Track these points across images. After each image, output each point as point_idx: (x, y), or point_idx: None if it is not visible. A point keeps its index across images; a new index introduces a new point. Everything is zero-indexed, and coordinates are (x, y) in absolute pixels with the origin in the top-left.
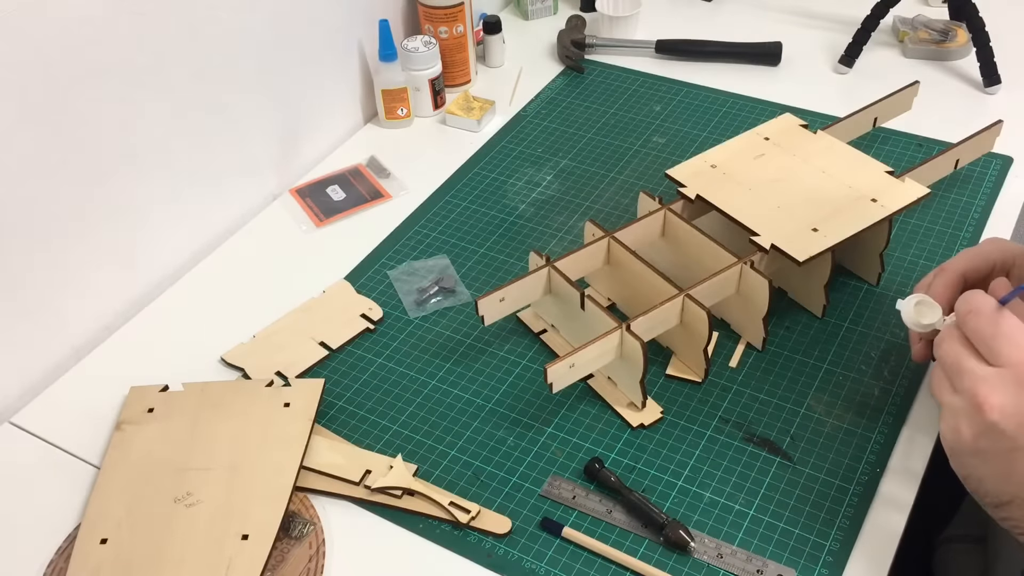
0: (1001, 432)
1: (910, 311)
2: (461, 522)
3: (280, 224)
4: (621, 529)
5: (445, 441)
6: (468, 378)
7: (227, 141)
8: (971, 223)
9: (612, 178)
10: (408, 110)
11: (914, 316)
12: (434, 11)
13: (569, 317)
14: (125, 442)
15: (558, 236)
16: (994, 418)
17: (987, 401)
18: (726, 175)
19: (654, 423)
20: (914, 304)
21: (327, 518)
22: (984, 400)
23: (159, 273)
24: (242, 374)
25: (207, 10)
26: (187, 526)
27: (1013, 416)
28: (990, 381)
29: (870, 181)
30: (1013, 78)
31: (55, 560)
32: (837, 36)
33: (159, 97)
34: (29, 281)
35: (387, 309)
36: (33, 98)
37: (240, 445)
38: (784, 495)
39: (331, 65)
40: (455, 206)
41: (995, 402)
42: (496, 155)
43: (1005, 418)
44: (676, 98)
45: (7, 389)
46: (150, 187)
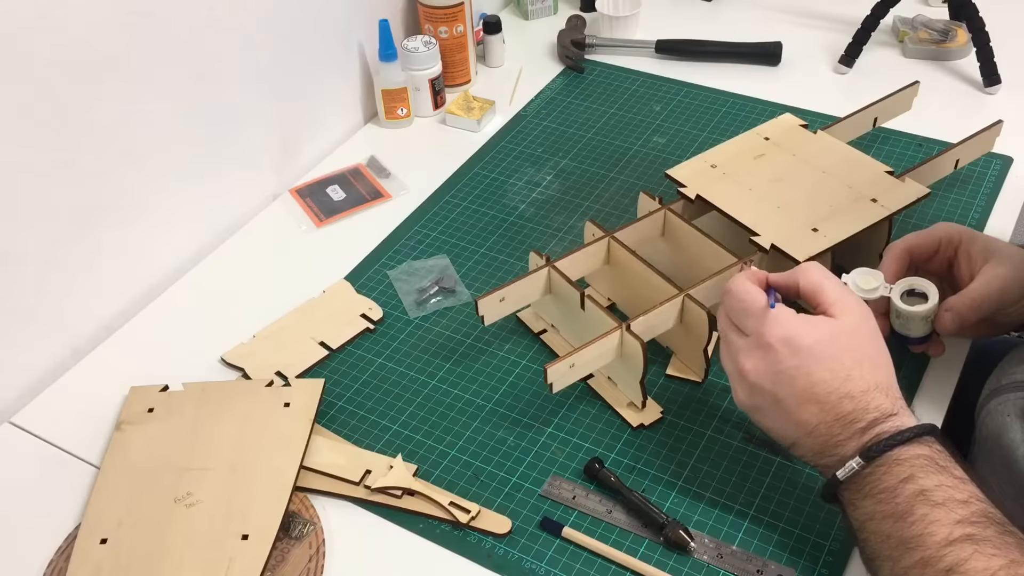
0: (761, 389)
1: (855, 280)
2: (461, 522)
3: (280, 224)
4: (621, 529)
5: (445, 441)
6: (468, 378)
7: (227, 141)
8: (971, 223)
9: (612, 178)
10: (408, 110)
11: (859, 284)
12: (434, 11)
13: (569, 317)
14: (125, 442)
15: (558, 236)
16: (752, 379)
17: (743, 367)
18: (726, 175)
19: (654, 423)
20: (858, 274)
21: (327, 518)
22: (742, 367)
23: (159, 273)
24: (242, 374)
25: (207, 10)
26: (187, 526)
27: (764, 373)
28: (744, 349)
29: (870, 181)
30: (1013, 78)
31: (55, 560)
32: (837, 36)
33: (159, 97)
34: (29, 281)
35: (387, 309)
36: (33, 98)
37: (240, 445)
38: (784, 495)
39: (331, 65)
40: (455, 206)
41: (749, 366)
42: (496, 155)
43: (759, 377)
44: (676, 98)
45: (7, 389)
46: (150, 187)
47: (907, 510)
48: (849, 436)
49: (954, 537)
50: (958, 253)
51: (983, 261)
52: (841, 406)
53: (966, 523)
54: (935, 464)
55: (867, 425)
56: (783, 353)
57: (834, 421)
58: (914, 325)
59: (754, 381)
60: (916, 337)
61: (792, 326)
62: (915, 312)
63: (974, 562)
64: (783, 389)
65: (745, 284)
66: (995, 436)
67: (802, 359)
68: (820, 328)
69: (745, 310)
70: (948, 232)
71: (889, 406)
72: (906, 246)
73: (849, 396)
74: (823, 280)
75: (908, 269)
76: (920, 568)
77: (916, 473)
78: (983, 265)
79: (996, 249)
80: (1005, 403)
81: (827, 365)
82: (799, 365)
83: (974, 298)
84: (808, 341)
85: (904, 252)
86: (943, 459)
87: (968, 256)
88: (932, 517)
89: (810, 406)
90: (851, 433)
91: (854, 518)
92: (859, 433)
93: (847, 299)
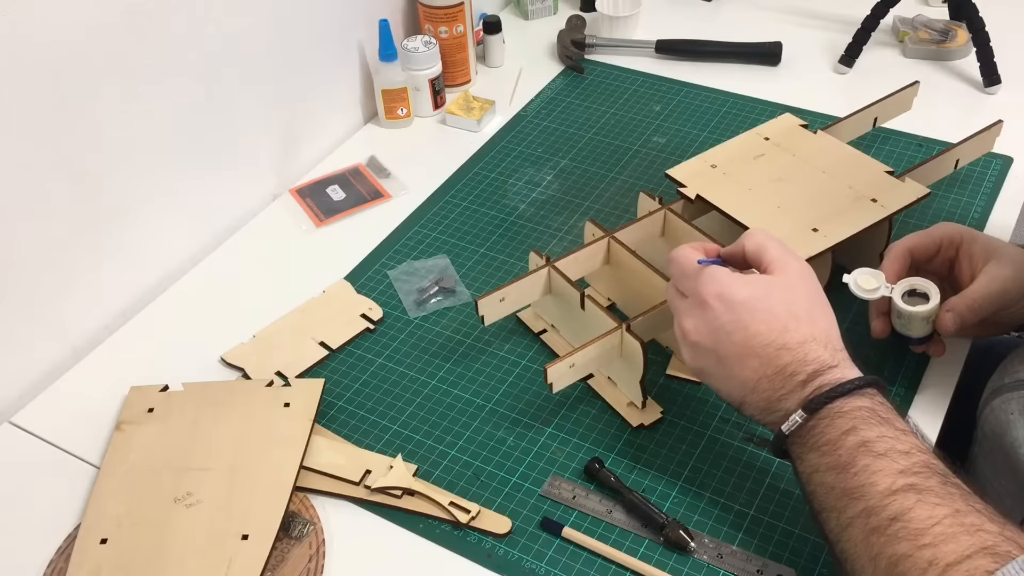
0: (703, 348)
1: (855, 280)
2: (461, 522)
3: (280, 224)
4: (621, 529)
5: (445, 441)
6: (468, 378)
7: (227, 141)
8: (971, 223)
9: (612, 178)
10: (408, 110)
11: (860, 284)
12: (434, 11)
13: (569, 317)
14: (125, 442)
15: (558, 236)
16: (693, 339)
17: (684, 327)
18: (726, 175)
19: (654, 423)
20: (859, 274)
21: (327, 518)
22: (684, 328)
23: (159, 273)
24: (242, 374)
25: (207, 10)
26: (187, 526)
27: (703, 332)
28: (685, 312)
29: (870, 181)
30: (1013, 78)
31: (55, 560)
32: (837, 36)
33: (159, 97)
34: (29, 281)
35: (387, 309)
36: (33, 98)
37: (240, 445)
38: (784, 495)
39: (331, 65)
40: (455, 206)
41: (688, 325)
42: (496, 155)
43: (699, 335)
44: (676, 98)
45: (7, 389)
46: (150, 187)
47: (849, 461)
48: (791, 390)
49: (897, 487)
50: (959, 253)
51: (984, 261)
52: (779, 358)
53: (908, 473)
54: (876, 416)
55: (807, 377)
56: (718, 309)
57: (774, 374)
58: (915, 325)
59: (695, 340)
60: (917, 337)
61: (726, 282)
62: (916, 312)
63: (918, 510)
64: (722, 345)
65: (685, 250)
66: (997, 435)
67: (738, 313)
68: (754, 283)
69: (683, 272)
70: (949, 232)
71: (828, 358)
72: (907, 246)
73: (786, 348)
74: (766, 242)
75: (909, 269)
76: (864, 517)
77: (858, 425)
78: (984, 265)
79: (997, 249)
80: (1008, 402)
81: (762, 318)
82: (736, 319)
83: (975, 299)
84: (742, 296)
85: (905, 252)
86: (884, 411)
87: (969, 256)
88: (875, 467)
89: (749, 360)
90: (792, 387)
91: (801, 471)
92: (800, 386)
93: (787, 258)
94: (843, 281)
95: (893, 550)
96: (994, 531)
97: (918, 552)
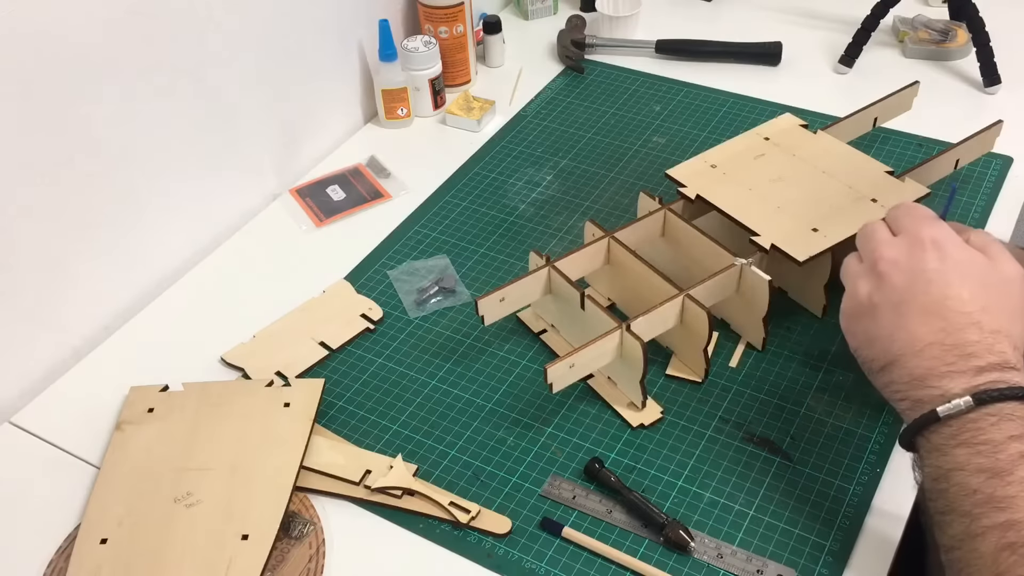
0: (890, 283)
1: None
2: (461, 522)
3: (280, 224)
4: (621, 529)
5: (445, 441)
6: (468, 378)
7: (227, 141)
8: (971, 223)
9: (612, 178)
10: (408, 110)
11: None
12: (434, 11)
13: (569, 317)
14: (125, 442)
15: (558, 236)
16: (884, 268)
17: (882, 256)
18: (726, 175)
19: (654, 423)
20: None
21: (327, 518)
22: (880, 255)
23: (159, 273)
24: (242, 374)
25: (207, 10)
26: (187, 526)
27: (902, 267)
28: (889, 242)
29: (870, 181)
30: (1013, 78)
31: (55, 560)
32: (837, 36)
33: (159, 97)
34: (29, 281)
35: (387, 309)
36: (33, 98)
37: (240, 445)
38: (784, 495)
39: (331, 65)
40: (455, 206)
41: (888, 255)
42: (496, 155)
43: (894, 270)
44: (676, 98)
45: (7, 389)
46: (150, 187)
47: (1008, 468)
48: (962, 370)
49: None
50: None
51: None
52: (966, 333)
53: None
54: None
55: (986, 366)
56: (931, 255)
57: (952, 346)
58: None
59: (885, 271)
60: None
61: (951, 235)
62: None
63: None
64: (913, 290)
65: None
66: None
67: (948, 267)
68: (976, 255)
69: (910, 211)
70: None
71: (1014, 359)
72: None
73: (978, 326)
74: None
75: None
76: (1002, 530)
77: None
78: None
79: None
80: None
81: (970, 286)
82: (943, 271)
83: None
84: (960, 256)
85: None
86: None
87: None
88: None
89: (934, 319)
90: (965, 368)
91: (936, 465)
92: (975, 372)
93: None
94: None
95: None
96: None
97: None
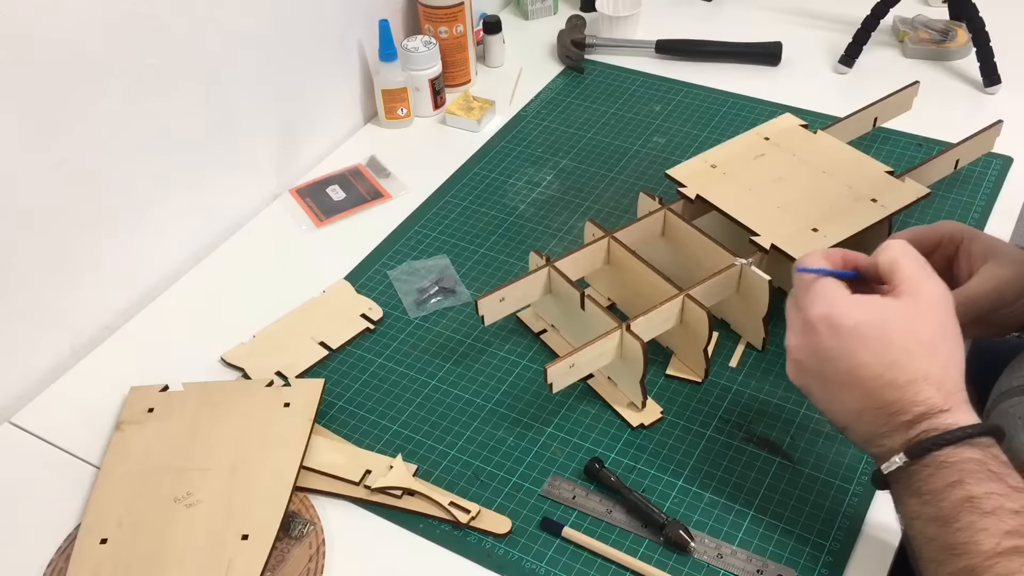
0: (805, 367)
1: None
2: (461, 522)
3: (280, 224)
4: (621, 529)
5: (445, 441)
6: (468, 378)
7: (227, 141)
8: (971, 223)
9: (612, 178)
10: (408, 110)
11: None
12: (434, 11)
13: (569, 317)
14: (125, 442)
15: (558, 236)
16: (796, 356)
17: (790, 345)
18: (726, 175)
19: (654, 423)
20: None
21: (327, 518)
22: (789, 345)
23: (159, 273)
24: (242, 374)
25: (207, 10)
26: (187, 526)
27: (805, 352)
28: (794, 327)
29: (870, 181)
30: (1013, 78)
31: (55, 560)
32: (837, 36)
33: (159, 97)
34: (29, 281)
35: (387, 309)
36: (33, 98)
37: (240, 445)
38: (784, 495)
39: (331, 65)
40: (455, 206)
41: (793, 343)
42: (496, 155)
43: (801, 355)
44: (676, 98)
45: (7, 389)
46: (150, 187)
47: (952, 516)
48: (894, 428)
49: (1002, 548)
50: (959, 251)
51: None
52: (885, 394)
53: (1016, 535)
54: (987, 470)
55: (913, 419)
56: (824, 333)
57: (878, 409)
58: None
59: (796, 358)
60: None
61: (836, 304)
62: None
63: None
64: (825, 370)
65: (808, 258)
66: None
67: (844, 340)
68: (870, 308)
69: (798, 282)
70: (950, 229)
71: (940, 401)
72: (907, 238)
73: (893, 385)
74: (900, 258)
75: None
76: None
77: (965, 478)
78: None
79: (997, 249)
80: (1016, 405)
81: (872, 348)
82: (841, 346)
83: (969, 295)
84: (852, 321)
85: None
86: (997, 465)
87: (968, 255)
88: (980, 525)
89: (853, 390)
90: (896, 425)
91: (901, 513)
92: (904, 427)
93: (920, 280)
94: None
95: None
96: None
97: None
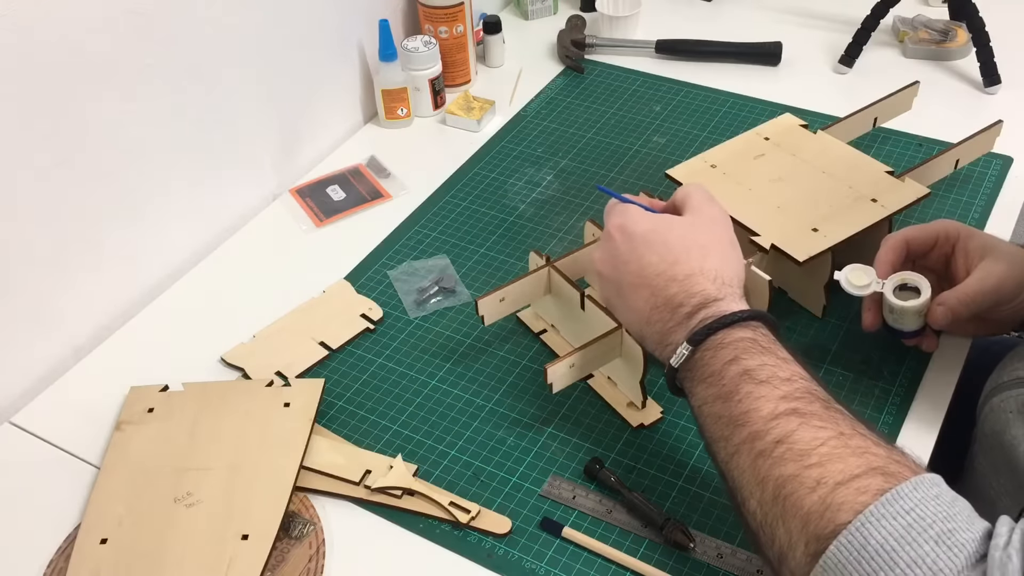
0: (607, 278)
1: (846, 277)
2: (461, 522)
3: (280, 224)
4: (621, 529)
5: (445, 441)
6: (468, 378)
7: (227, 141)
8: (971, 223)
9: (612, 178)
10: (408, 110)
11: (851, 280)
12: (434, 11)
13: (569, 317)
14: (125, 442)
15: (558, 236)
16: (598, 268)
17: (592, 259)
18: (726, 175)
19: (654, 423)
20: (850, 270)
21: (327, 518)
22: (592, 257)
23: (159, 273)
24: (242, 374)
25: (206, 10)
26: (187, 526)
27: (605, 262)
28: (596, 246)
29: (870, 181)
30: (1013, 78)
31: (55, 560)
32: (837, 36)
33: (159, 97)
34: (29, 281)
35: (387, 309)
36: (33, 98)
37: (240, 445)
38: None
39: (331, 65)
40: (455, 206)
41: (596, 256)
42: (496, 155)
43: (602, 265)
44: (676, 98)
45: (7, 389)
46: (150, 187)
47: (733, 390)
48: (678, 322)
49: (780, 411)
50: (955, 249)
51: (980, 258)
52: (667, 289)
53: (790, 398)
54: (758, 346)
55: (692, 310)
56: (618, 239)
57: (663, 305)
58: (907, 319)
59: (599, 270)
60: (909, 331)
61: (630, 216)
62: (907, 307)
63: (801, 432)
64: (621, 275)
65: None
66: (997, 433)
67: (634, 244)
68: (658, 220)
69: (607, 211)
70: (947, 228)
71: (714, 291)
72: (904, 237)
73: (674, 279)
74: (693, 192)
75: (904, 262)
76: (750, 442)
77: (740, 355)
78: (980, 262)
79: (994, 247)
80: (1007, 400)
81: (656, 250)
82: (631, 249)
83: (967, 293)
84: (641, 229)
85: (901, 243)
86: (767, 341)
87: (965, 252)
88: (757, 394)
89: (642, 291)
90: (679, 319)
91: (693, 406)
92: (686, 318)
93: (704, 204)
94: (835, 278)
95: (779, 472)
96: (881, 454)
97: (805, 472)
